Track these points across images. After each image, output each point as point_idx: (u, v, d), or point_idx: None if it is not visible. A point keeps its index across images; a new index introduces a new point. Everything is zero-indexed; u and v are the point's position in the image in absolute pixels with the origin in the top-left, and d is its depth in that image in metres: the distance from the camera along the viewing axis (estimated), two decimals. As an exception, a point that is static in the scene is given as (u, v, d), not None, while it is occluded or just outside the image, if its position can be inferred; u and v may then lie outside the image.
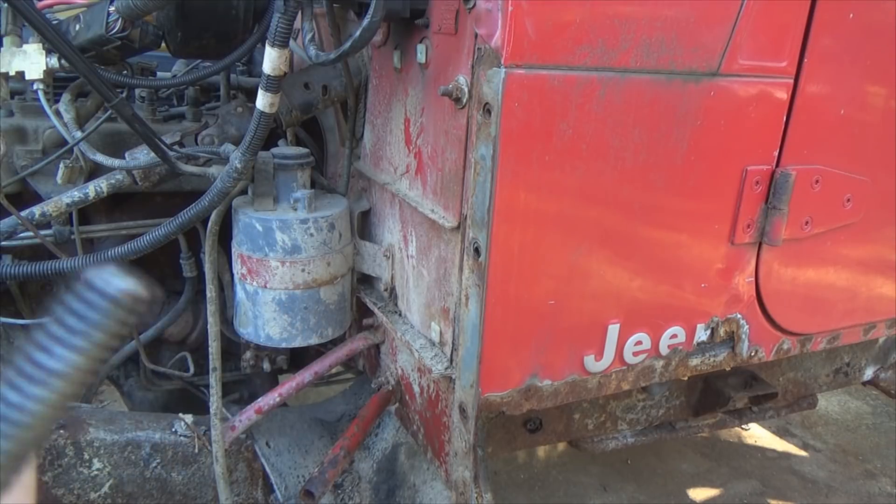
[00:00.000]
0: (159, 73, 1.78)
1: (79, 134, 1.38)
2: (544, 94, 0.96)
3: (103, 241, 1.60)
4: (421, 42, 1.16)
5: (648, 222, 1.12)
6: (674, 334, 1.23)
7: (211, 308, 1.36)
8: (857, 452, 2.84)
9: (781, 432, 2.95)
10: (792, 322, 1.36)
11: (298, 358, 1.72)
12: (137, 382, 1.82)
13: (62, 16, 1.43)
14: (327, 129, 1.67)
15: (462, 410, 1.14)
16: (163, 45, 1.44)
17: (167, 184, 1.43)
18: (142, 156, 1.35)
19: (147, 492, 1.38)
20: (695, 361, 1.28)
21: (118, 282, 0.27)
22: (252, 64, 1.96)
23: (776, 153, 1.19)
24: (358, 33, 1.09)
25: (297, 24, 1.28)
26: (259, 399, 1.44)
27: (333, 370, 1.61)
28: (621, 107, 1.02)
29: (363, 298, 1.48)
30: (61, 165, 1.41)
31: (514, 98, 0.94)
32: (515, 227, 1.01)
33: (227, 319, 1.59)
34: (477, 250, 1.03)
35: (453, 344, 1.16)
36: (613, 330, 1.16)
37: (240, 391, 1.92)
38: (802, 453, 2.82)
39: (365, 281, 1.52)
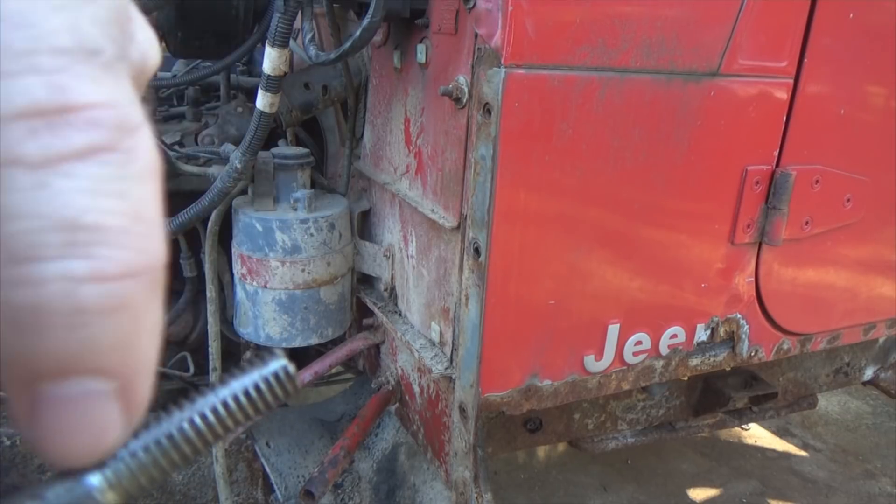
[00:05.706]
0: (159, 73, 1.78)
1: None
2: (544, 94, 0.96)
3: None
4: (421, 42, 1.16)
5: (648, 222, 1.12)
6: (674, 334, 1.23)
7: (211, 308, 1.36)
8: (857, 452, 2.84)
9: (781, 432, 2.95)
10: (792, 322, 1.36)
11: (298, 358, 1.72)
12: (137, 382, 1.81)
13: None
14: (327, 129, 1.67)
15: (462, 410, 1.14)
16: (162, 45, 1.44)
17: (167, 184, 1.43)
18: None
19: (147, 492, 1.38)
20: (695, 361, 1.28)
21: (280, 362, 0.27)
22: (252, 64, 1.96)
23: (776, 153, 1.19)
24: (358, 33, 1.09)
25: (297, 24, 1.28)
26: (259, 399, 1.44)
27: (333, 370, 1.61)
28: (621, 107, 1.02)
29: (363, 298, 1.48)
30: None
31: (514, 98, 0.94)
32: (515, 227, 1.01)
33: (227, 319, 1.59)
34: (477, 250, 1.03)
35: (453, 344, 1.16)
36: (613, 330, 1.16)
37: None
38: (802, 453, 2.82)
39: (365, 281, 1.52)
